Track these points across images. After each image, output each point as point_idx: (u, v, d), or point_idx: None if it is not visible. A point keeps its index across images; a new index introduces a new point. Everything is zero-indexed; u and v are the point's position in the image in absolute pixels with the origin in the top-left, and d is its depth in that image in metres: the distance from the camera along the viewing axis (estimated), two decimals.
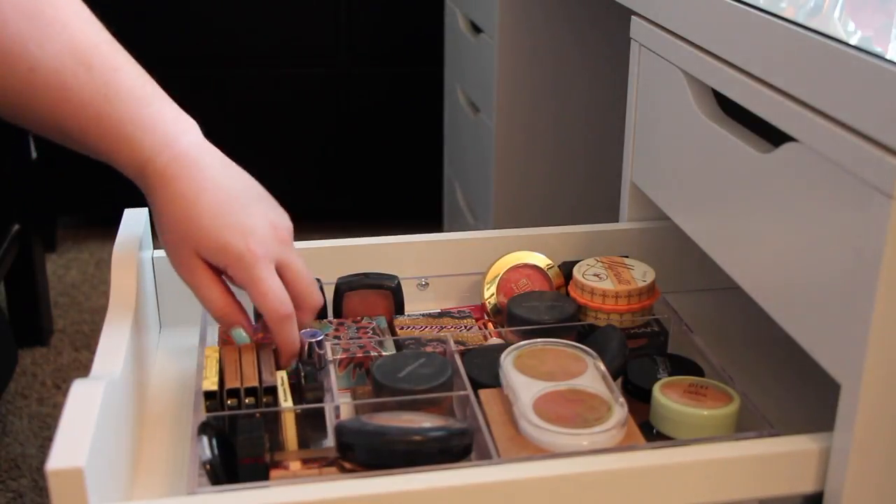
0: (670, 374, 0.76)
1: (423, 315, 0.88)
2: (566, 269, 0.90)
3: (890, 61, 0.56)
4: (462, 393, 0.73)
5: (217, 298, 0.74)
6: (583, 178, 1.54)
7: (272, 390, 0.71)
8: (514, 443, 0.67)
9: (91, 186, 2.14)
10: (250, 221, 0.74)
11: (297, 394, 0.72)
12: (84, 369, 1.73)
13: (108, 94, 0.72)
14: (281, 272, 0.75)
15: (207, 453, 0.65)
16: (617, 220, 1.00)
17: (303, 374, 0.73)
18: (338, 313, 0.88)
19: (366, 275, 0.89)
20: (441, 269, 0.94)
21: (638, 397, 0.75)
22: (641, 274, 0.86)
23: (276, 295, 0.73)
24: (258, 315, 0.86)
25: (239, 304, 0.76)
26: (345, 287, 0.88)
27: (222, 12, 2.08)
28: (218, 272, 0.74)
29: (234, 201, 0.74)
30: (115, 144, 0.72)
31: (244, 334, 0.76)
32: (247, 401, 0.70)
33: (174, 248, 0.74)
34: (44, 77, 0.70)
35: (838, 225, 0.61)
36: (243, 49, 2.12)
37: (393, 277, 0.89)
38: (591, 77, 1.49)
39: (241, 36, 2.11)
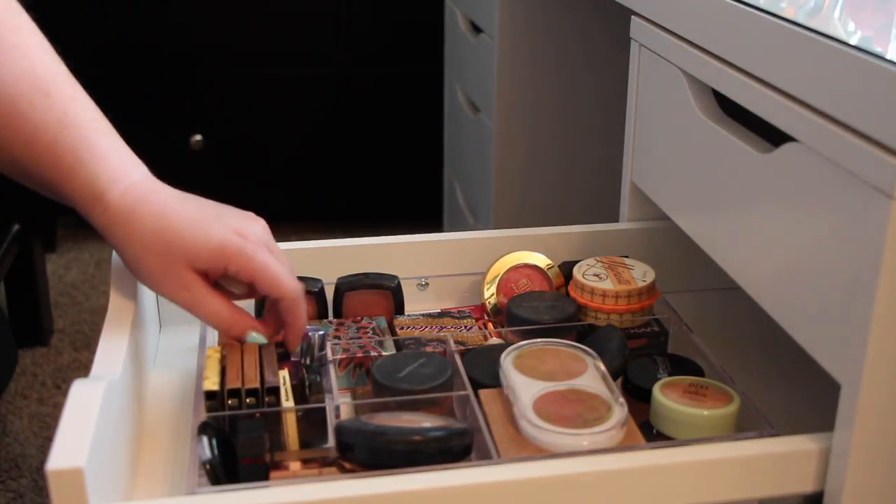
0: (670, 374, 0.76)
1: (423, 315, 0.88)
2: (566, 269, 0.90)
3: (890, 61, 0.56)
4: (462, 393, 0.73)
5: (223, 309, 0.73)
6: (583, 177, 1.54)
7: (274, 390, 0.71)
8: (514, 443, 0.67)
9: None
10: (230, 219, 0.74)
11: (302, 400, 0.72)
12: (84, 369, 1.73)
13: (65, 121, 0.71)
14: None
15: (207, 453, 0.65)
16: (617, 220, 1.00)
17: (307, 381, 0.73)
18: (338, 313, 0.88)
19: (366, 275, 0.89)
20: (441, 269, 0.94)
21: (638, 397, 0.75)
22: (641, 274, 0.86)
23: (288, 274, 0.74)
24: (259, 316, 0.86)
25: (242, 309, 0.75)
26: (345, 287, 0.88)
27: (222, 12, 2.08)
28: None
29: (205, 208, 0.74)
30: (67, 172, 0.71)
31: (260, 336, 0.75)
32: (248, 401, 0.70)
33: (161, 271, 0.72)
34: None
35: (838, 225, 0.61)
36: (244, 49, 2.12)
37: (393, 277, 0.89)
38: (591, 77, 1.49)
39: (241, 36, 2.11)
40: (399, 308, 0.89)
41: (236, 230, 0.73)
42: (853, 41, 0.60)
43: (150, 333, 0.84)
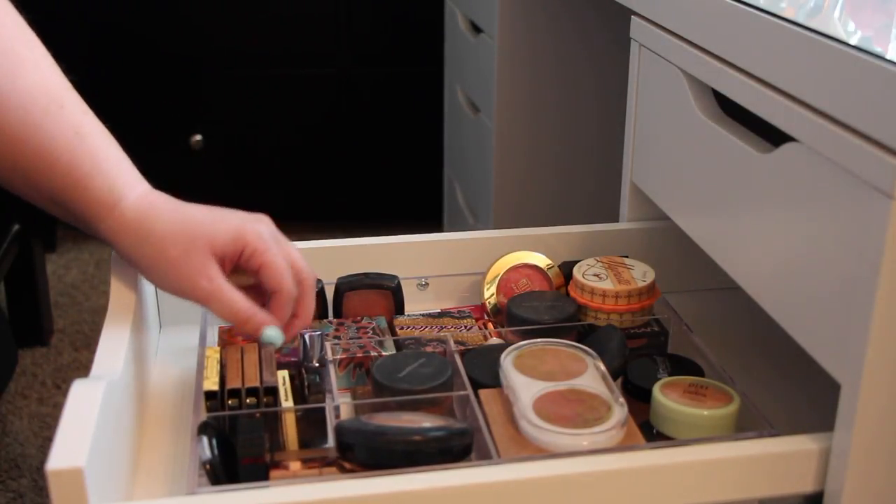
0: (670, 374, 0.76)
1: (423, 315, 0.88)
2: (566, 269, 0.90)
3: (890, 61, 0.56)
4: (462, 393, 0.73)
5: (242, 300, 0.74)
6: (583, 177, 1.54)
7: (273, 390, 0.71)
8: (514, 443, 0.67)
9: None
10: (240, 214, 0.76)
11: (301, 400, 0.72)
12: (84, 369, 1.73)
13: (80, 131, 0.73)
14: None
15: (207, 453, 0.65)
16: (617, 220, 1.00)
17: (307, 381, 0.73)
18: (338, 313, 0.88)
19: (366, 275, 0.89)
20: (441, 269, 0.94)
21: (638, 397, 0.75)
22: (641, 274, 0.86)
23: (303, 259, 0.76)
24: None
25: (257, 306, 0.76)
26: (345, 287, 0.88)
27: (223, 13, 2.08)
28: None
29: (213, 208, 0.76)
30: (83, 179, 0.72)
31: (277, 333, 0.74)
32: (248, 401, 0.70)
33: (184, 257, 0.72)
34: (11, 112, 0.71)
35: (838, 225, 0.61)
36: (244, 49, 2.12)
37: (393, 277, 0.89)
38: (591, 77, 1.49)
39: (241, 36, 2.11)
40: (399, 308, 0.89)
41: (250, 219, 0.76)
42: (853, 41, 0.60)
43: (150, 333, 0.84)
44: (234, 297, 0.73)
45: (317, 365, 0.76)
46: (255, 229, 0.74)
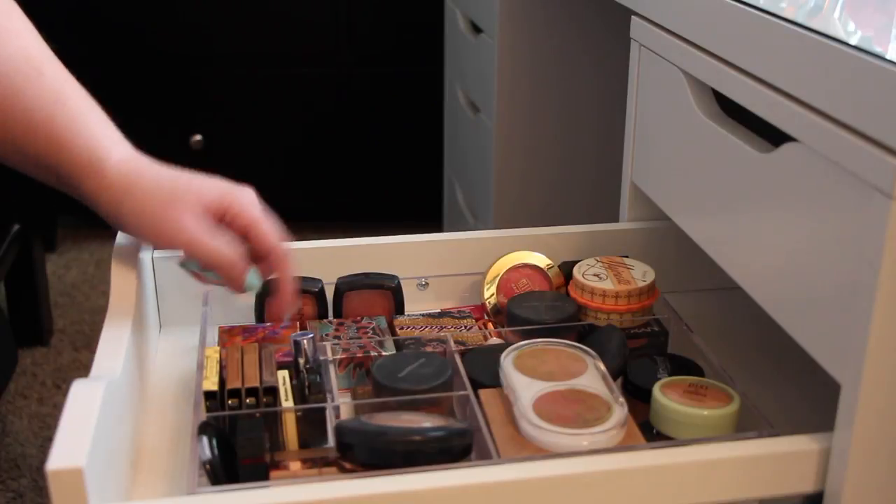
0: (670, 374, 0.76)
1: (423, 315, 0.88)
2: (566, 269, 0.90)
3: (890, 61, 0.56)
4: (462, 393, 0.73)
5: (226, 245, 0.75)
6: (583, 177, 1.54)
7: (273, 390, 0.71)
8: (514, 443, 0.67)
9: None
10: (223, 182, 0.78)
11: (302, 400, 0.72)
12: (84, 369, 1.73)
13: (60, 98, 0.74)
14: None
15: (207, 453, 0.65)
16: (617, 220, 1.00)
17: (307, 381, 0.73)
18: (338, 313, 0.88)
19: (366, 275, 0.89)
20: (441, 269, 0.94)
21: (638, 397, 0.75)
22: (641, 274, 0.86)
23: (277, 229, 0.77)
24: (260, 317, 0.86)
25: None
26: (345, 287, 0.88)
27: (223, 13, 2.08)
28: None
29: (195, 174, 0.78)
30: (64, 143, 0.74)
31: (258, 277, 0.77)
32: (248, 401, 0.70)
33: (162, 216, 0.74)
34: None
35: (838, 225, 0.61)
36: (244, 49, 2.12)
37: (393, 277, 0.89)
38: (591, 77, 1.49)
39: (241, 36, 2.11)
40: (399, 308, 0.89)
41: (234, 185, 0.78)
42: (853, 41, 0.60)
43: (150, 333, 0.84)
44: (220, 242, 0.75)
45: (315, 366, 0.76)
46: (238, 192, 0.77)
